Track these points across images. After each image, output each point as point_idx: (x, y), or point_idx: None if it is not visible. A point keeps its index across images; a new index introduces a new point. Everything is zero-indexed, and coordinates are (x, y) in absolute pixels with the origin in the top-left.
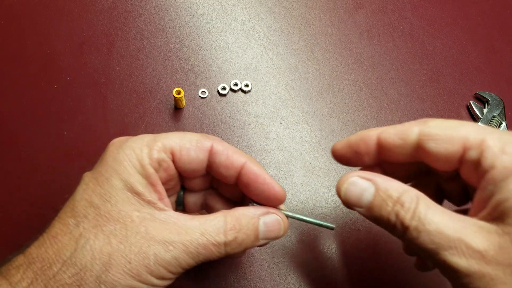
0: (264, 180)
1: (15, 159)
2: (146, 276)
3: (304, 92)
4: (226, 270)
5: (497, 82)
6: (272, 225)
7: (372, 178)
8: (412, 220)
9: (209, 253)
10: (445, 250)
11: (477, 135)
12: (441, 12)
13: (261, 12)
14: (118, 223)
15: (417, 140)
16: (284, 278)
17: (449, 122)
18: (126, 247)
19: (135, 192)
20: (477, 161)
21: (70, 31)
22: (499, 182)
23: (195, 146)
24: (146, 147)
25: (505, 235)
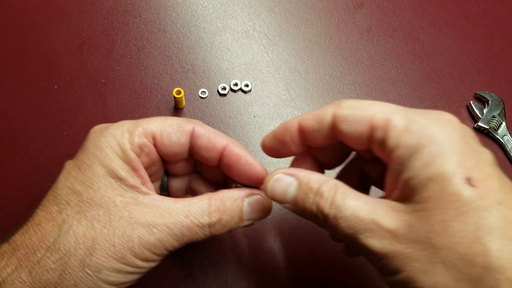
0: (246, 161)
1: (15, 159)
2: (131, 258)
3: (304, 92)
4: (226, 270)
5: (497, 82)
6: (257, 206)
7: (295, 173)
8: (330, 209)
9: (193, 234)
10: (361, 234)
11: (383, 115)
12: (441, 12)
13: (261, 12)
14: (101, 208)
15: (331, 122)
16: (284, 278)
17: (361, 102)
18: (110, 231)
19: (118, 177)
20: (383, 140)
21: (70, 31)
22: (404, 161)
23: (176, 130)
24: (127, 133)
25: (413, 212)
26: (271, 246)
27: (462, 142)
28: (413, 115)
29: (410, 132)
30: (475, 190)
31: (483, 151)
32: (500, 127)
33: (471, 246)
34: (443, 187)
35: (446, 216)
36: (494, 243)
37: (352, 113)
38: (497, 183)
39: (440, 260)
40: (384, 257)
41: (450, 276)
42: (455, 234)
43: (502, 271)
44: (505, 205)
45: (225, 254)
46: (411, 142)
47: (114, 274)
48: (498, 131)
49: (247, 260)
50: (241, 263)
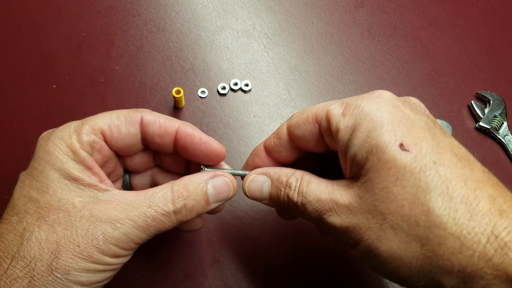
0: (200, 140)
1: (14, 159)
2: (98, 256)
3: (304, 91)
4: (225, 270)
5: (499, 81)
6: (221, 187)
7: (267, 171)
8: (298, 197)
9: (160, 224)
10: (324, 214)
11: (323, 108)
12: (442, 12)
13: (261, 11)
14: (60, 211)
15: (288, 134)
16: (285, 278)
17: (306, 108)
18: (72, 232)
19: (73, 178)
20: (329, 130)
21: (69, 30)
22: (346, 141)
23: (124, 121)
24: (75, 133)
25: (362, 185)
26: (271, 246)
27: (391, 112)
28: (347, 101)
29: (346, 115)
30: (409, 154)
31: (417, 117)
32: (501, 127)
33: (412, 208)
34: (380, 156)
35: (386, 183)
36: (433, 202)
37: (300, 118)
38: (430, 144)
39: (389, 225)
40: (344, 231)
41: (400, 239)
42: (396, 198)
43: (445, 227)
44: (440, 164)
45: (225, 254)
46: (348, 123)
47: (83, 274)
48: (500, 131)
49: (246, 260)
50: (241, 264)
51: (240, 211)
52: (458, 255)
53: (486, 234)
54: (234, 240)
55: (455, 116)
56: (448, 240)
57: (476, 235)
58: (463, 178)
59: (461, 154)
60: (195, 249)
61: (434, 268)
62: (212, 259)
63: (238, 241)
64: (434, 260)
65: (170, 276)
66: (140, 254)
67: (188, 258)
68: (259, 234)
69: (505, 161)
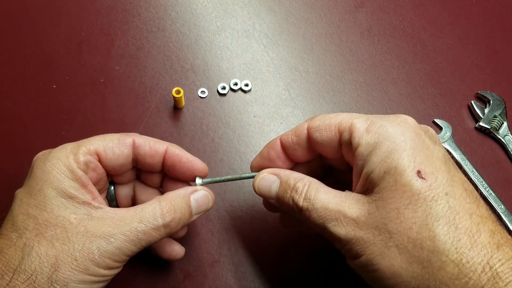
0: (187, 159)
1: (14, 160)
2: (94, 268)
3: (304, 91)
4: (225, 270)
5: (499, 81)
6: (202, 200)
7: (278, 172)
8: (304, 202)
9: (150, 237)
10: (329, 223)
11: (347, 120)
12: (442, 11)
13: (261, 11)
14: (58, 227)
15: (307, 134)
16: (285, 278)
17: (330, 114)
18: (70, 247)
19: (69, 196)
20: (349, 142)
21: (69, 30)
22: (365, 157)
23: (117, 144)
24: (71, 154)
25: (373, 202)
26: (271, 246)
27: (414, 139)
28: (373, 119)
29: (370, 132)
30: (425, 182)
31: (436, 148)
32: (501, 127)
33: (420, 232)
34: (397, 178)
35: (399, 204)
36: (440, 229)
37: (322, 123)
38: (445, 176)
39: (394, 244)
40: (348, 242)
41: (403, 258)
42: (406, 220)
43: (447, 254)
44: (451, 196)
45: (225, 255)
46: (371, 140)
47: (80, 285)
48: (500, 131)
49: (246, 260)
50: (241, 264)
51: (240, 211)
52: (455, 281)
53: (482, 264)
54: (234, 240)
55: (455, 116)
56: (448, 266)
57: (473, 264)
58: (469, 211)
59: (470, 190)
60: (195, 249)
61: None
62: (212, 259)
63: (238, 241)
64: (432, 283)
65: (170, 276)
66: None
67: (188, 258)
68: (259, 234)
69: (505, 161)
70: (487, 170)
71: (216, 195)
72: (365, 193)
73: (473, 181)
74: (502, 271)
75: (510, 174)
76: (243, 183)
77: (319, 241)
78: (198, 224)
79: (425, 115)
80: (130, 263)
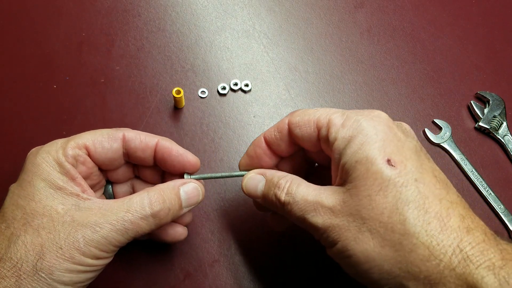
0: (177, 151)
1: (14, 160)
2: (79, 257)
3: (304, 91)
4: (225, 270)
5: (498, 82)
6: (192, 192)
7: (264, 172)
8: (285, 196)
9: (137, 227)
10: (308, 214)
11: (326, 116)
12: (441, 12)
13: (261, 11)
14: (45, 216)
15: (288, 130)
16: (285, 278)
17: (309, 110)
18: (55, 236)
19: (57, 187)
20: (327, 137)
21: (69, 30)
22: (341, 150)
23: (107, 138)
24: (61, 148)
25: (347, 191)
26: (271, 246)
27: (386, 132)
28: (348, 114)
29: (345, 126)
30: (394, 169)
31: (407, 140)
32: (501, 127)
33: (391, 216)
34: (368, 167)
35: (370, 191)
36: (410, 213)
37: (302, 118)
38: (414, 164)
39: (367, 229)
40: (325, 231)
41: (376, 242)
42: (378, 206)
43: (417, 236)
44: (420, 182)
45: (225, 254)
46: (346, 134)
47: (66, 274)
48: (499, 131)
49: (246, 260)
50: (241, 263)
51: (240, 210)
52: (426, 263)
53: (452, 247)
54: (234, 240)
55: (454, 116)
56: (419, 248)
57: (444, 247)
58: (439, 197)
59: (440, 178)
60: (195, 249)
61: (403, 272)
62: (213, 259)
63: (238, 240)
64: (404, 265)
65: (170, 275)
66: (140, 253)
67: (188, 258)
68: (259, 233)
69: (505, 161)
70: (486, 170)
71: (216, 195)
72: (341, 184)
73: (473, 181)
74: (473, 254)
75: (510, 174)
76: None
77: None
78: (199, 223)
79: (425, 115)
80: (130, 263)
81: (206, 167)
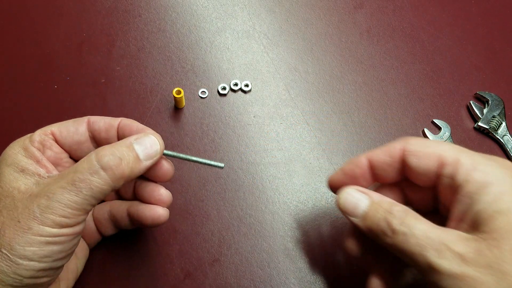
0: (137, 128)
1: None
2: (38, 227)
3: (304, 92)
4: (226, 270)
5: (497, 82)
6: (147, 142)
7: (367, 192)
8: (400, 226)
9: (90, 184)
10: (428, 252)
11: (452, 154)
12: (441, 12)
13: (261, 12)
14: (8, 197)
15: (401, 156)
16: (284, 278)
17: (428, 141)
18: (15, 212)
19: (21, 169)
20: (452, 176)
21: (69, 31)
22: (473, 195)
23: (72, 122)
24: (28, 138)
25: (482, 240)
26: (271, 245)
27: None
28: (476, 157)
29: (477, 170)
30: None
31: None
32: (500, 127)
33: None
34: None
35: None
36: None
37: (422, 149)
38: None
39: (508, 285)
40: (450, 277)
41: None
42: None
43: None
44: None
45: (225, 254)
46: (479, 178)
47: (27, 247)
48: (498, 131)
49: (247, 259)
50: (241, 263)
51: (240, 210)
52: None
53: None
54: (234, 240)
55: (454, 116)
56: None
57: None
58: None
59: None
60: (196, 248)
61: None
62: (213, 258)
63: (238, 240)
64: None
65: (170, 275)
66: (140, 253)
67: (188, 257)
68: (258, 233)
69: None
70: None
71: (216, 195)
72: (469, 231)
73: None
74: None
75: None
76: (243, 182)
77: (320, 241)
78: (199, 223)
79: (424, 115)
80: (130, 262)
81: (206, 167)
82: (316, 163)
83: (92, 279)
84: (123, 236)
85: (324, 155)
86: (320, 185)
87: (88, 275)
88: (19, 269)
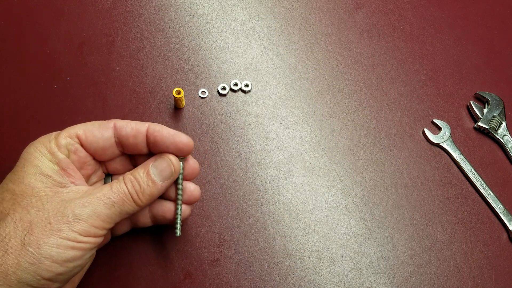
0: (168, 133)
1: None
2: (68, 232)
3: (304, 92)
4: (225, 269)
5: (497, 82)
6: (161, 165)
7: None
8: None
9: (122, 202)
10: None
11: None
12: (441, 12)
13: (261, 12)
14: (33, 197)
15: None
16: (284, 278)
17: None
18: (44, 213)
19: (47, 174)
20: None
21: (70, 31)
22: None
23: (98, 127)
24: (54, 139)
25: None
26: (271, 245)
27: None
28: None
29: None
30: None
31: None
32: (500, 127)
33: None
34: None
35: None
36: None
37: None
38: None
39: None
40: None
41: None
42: None
43: None
44: None
45: (225, 254)
46: None
47: (54, 249)
48: (498, 131)
49: (246, 259)
50: (241, 263)
51: (240, 210)
52: None
53: None
54: (234, 240)
55: (453, 116)
56: None
57: None
58: None
59: None
60: (196, 248)
61: None
62: (213, 258)
63: (237, 240)
64: None
65: (170, 275)
66: (140, 253)
67: (188, 257)
68: (258, 233)
69: (504, 161)
70: (485, 170)
71: (216, 195)
72: None
73: (472, 181)
74: None
75: (509, 174)
76: (243, 182)
77: (320, 241)
78: (199, 223)
79: (424, 115)
80: (130, 262)
81: (206, 167)
82: (316, 163)
83: (93, 279)
84: (123, 236)
85: (324, 155)
86: (320, 185)
87: (89, 275)
88: (40, 269)
